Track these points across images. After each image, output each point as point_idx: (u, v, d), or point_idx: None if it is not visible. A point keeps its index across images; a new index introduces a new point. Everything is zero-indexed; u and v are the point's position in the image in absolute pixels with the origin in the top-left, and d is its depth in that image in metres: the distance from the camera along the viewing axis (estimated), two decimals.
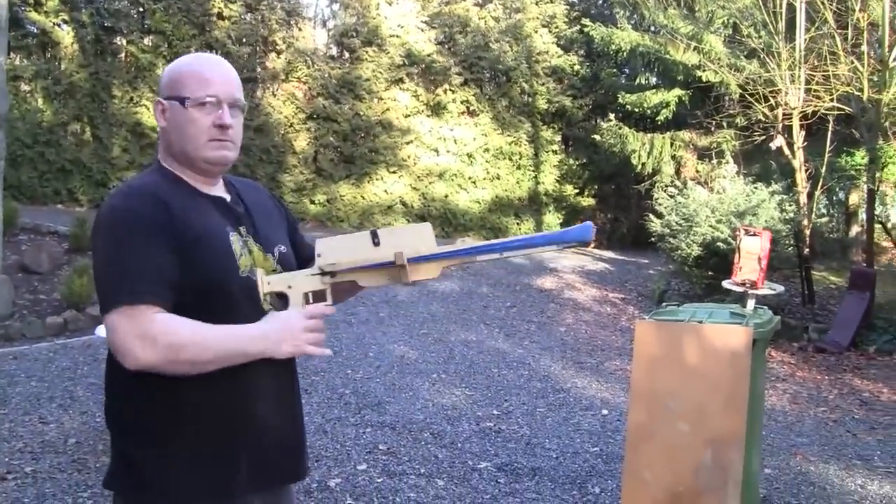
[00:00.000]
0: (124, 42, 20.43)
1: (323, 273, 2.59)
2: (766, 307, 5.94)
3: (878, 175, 12.89)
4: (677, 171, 20.59)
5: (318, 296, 2.60)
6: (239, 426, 2.56)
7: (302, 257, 2.86)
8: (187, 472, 2.50)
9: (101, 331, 7.29)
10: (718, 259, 13.30)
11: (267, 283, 2.54)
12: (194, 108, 2.57)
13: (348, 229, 21.35)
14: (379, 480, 6.29)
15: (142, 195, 2.46)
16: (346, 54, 23.12)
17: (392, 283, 2.61)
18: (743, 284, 11.14)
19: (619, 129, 20.91)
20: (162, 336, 2.33)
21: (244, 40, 21.11)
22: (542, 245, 2.60)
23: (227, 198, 2.70)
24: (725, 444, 4.77)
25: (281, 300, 2.60)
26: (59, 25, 19.36)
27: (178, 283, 2.40)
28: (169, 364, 2.34)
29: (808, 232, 14.60)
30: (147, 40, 20.52)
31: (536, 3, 24.00)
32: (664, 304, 5.63)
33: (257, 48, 21.62)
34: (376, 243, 2.57)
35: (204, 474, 2.52)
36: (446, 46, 23.50)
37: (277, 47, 21.90)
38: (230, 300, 2.50)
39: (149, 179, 2.57)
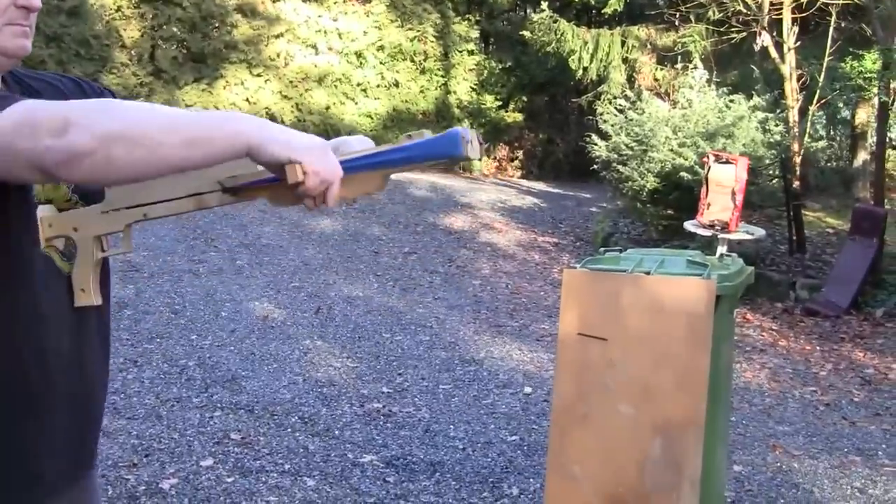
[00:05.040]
0: None
1: (117, 209, 2.37)
2: (737, 255, 5.97)
3: (893, 86, 12.91)
4: (630, 79, 20.64)
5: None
6: (35, 400, 2.46)
7: None
8: None
9: None
10: (681, 193, 13.40)
11: (49, 227, 2.38)
12: None
13: None
14: (229, 480, 6.27)
15: None
16: None
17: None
18: (711, 226, 11.37)
19: (555, 22, 20.74)
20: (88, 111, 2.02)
21: None
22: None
23: None
24: (679, 432, 4.80)
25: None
26: None
27: None
28: (104, 146, 1.94)
29: (798, 159, 14.70)
30: None
31: None
32: (604, 249, 5.61)
33: None
34: None
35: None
36: None
37: None
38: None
39: None
